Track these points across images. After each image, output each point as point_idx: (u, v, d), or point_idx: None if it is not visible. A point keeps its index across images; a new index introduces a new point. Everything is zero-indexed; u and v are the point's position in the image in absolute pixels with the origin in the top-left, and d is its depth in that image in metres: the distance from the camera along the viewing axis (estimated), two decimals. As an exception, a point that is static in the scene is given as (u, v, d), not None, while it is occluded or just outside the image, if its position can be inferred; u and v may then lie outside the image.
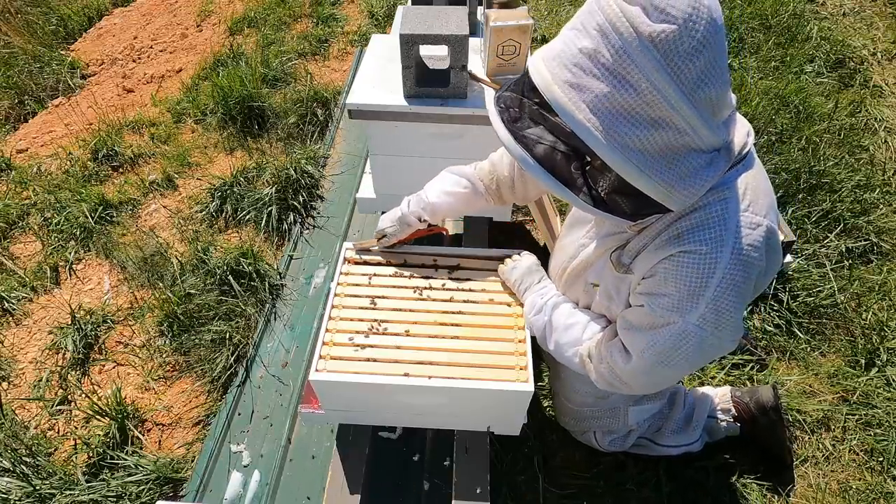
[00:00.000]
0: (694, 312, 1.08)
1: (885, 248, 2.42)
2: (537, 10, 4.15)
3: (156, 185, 2.91)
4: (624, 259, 1.21)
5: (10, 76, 3.77)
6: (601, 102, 0.88)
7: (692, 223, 1.07)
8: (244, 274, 2.34)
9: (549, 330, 1.43)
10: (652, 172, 0.92)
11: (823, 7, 3.97)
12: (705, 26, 0.84)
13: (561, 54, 0.93)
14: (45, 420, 2.03)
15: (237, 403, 2.01)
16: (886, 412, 1.91)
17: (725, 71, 0.90)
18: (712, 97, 0.88)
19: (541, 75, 0.94)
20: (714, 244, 1.04)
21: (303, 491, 1.78)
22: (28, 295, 2.45)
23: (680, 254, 1.07)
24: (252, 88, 3.23)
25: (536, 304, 1.46)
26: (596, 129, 0.89)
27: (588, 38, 0.89)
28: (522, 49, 1.82)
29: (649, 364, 1.19)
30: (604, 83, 0.88)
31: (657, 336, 1.15)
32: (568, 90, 0.91)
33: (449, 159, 1.98)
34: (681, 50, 0.84)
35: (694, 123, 0.89)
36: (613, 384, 1.30)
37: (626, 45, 0.84)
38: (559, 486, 1.76)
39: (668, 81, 0.85)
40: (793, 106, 3.04)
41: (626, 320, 1.24)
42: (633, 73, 0.85)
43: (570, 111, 0.90)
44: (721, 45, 0.87)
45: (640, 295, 1.18)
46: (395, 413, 1.57)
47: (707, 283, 1.05)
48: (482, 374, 1.40)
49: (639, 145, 0.90)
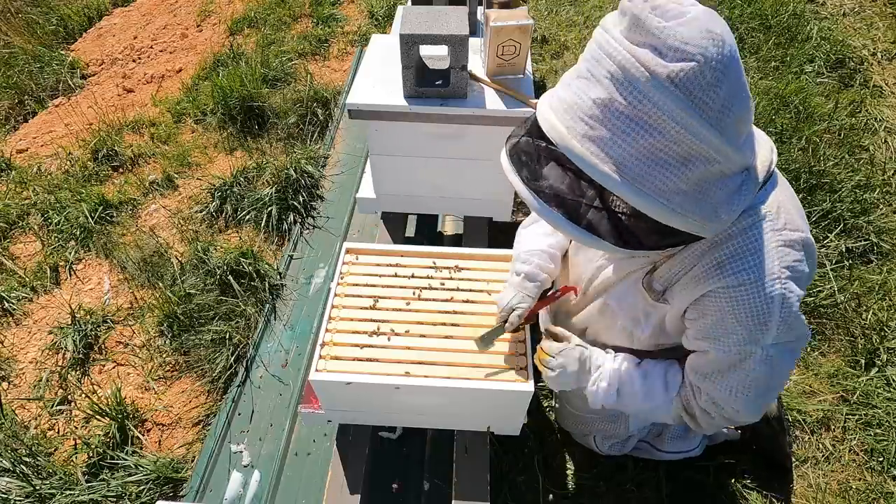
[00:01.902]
0: (768, 337, 1.05)
1: (885, 248, 2.42)
2: (537, 10, 4.15)
3: (156, 185, 2.91)
4: (656, 286, 1.16)
5: (10, 76, 3.77)
6: (625, 151, 0.86)
7: (732, 251, 1.02)
8: (244, 274, 2.34)
9: (624, 403, 1.30)
10: (686, 210, 0.89)
11: (823, 7, 3.97)
12: (723, 54, 0.81)
13: (573, 106, 0.89)
14: (45, 420, 2.03)
15: (237, 403, 2.01)
16: (886, 412, 1.91)
17: (746, 90, 0.88)
18: (738, 118, 0.86)
19: (556, 130, 0.91)
20: (760, 271, 1.01)
21: (303, 491, 1.78)
22: (28, 295, 2.45)
23: (728, 289, 1.03)
24: (252, 88, 3.23)
25: (599, 395, 1.30)
26: (624, 178, 0.86)
27: (600, 87, 0.86)
28: (522, 49, 1.82)
29: (754, 397, 1.13)
30: (625, 131, 0.85)
31: (743, 372, 1.10)
32: (587, 143, 0.87)
33: (449, 159, 1.99)
34: (703, 83, 0.81)
35: (722, 150, 0.87)
36: (725, 425, 1.24)
37: (643, 89, 0.82)
38: (559, 486, 1.76)
39: (693, 116, 0.82)
40: (793, 106, 3.04)
41: (701, 371, 1.17)
42: (655, 115, 0.83)
43: (593, 164, 0.87)
44: (739, 65, 0.85)
45: (699, 340, 1.14)
46: (395, 413, 1.57)
47: (770, 308, 1.02)
48: (482, 374, 1.40)
49: (671, 186, 0.87)
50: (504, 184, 2.03)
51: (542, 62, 3.62)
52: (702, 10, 0.84)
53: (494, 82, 1.87)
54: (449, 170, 2.02)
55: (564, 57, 3.66)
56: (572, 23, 3.97)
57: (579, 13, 4.05)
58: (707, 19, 0.82)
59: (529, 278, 1.42)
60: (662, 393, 1.25)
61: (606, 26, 0.89)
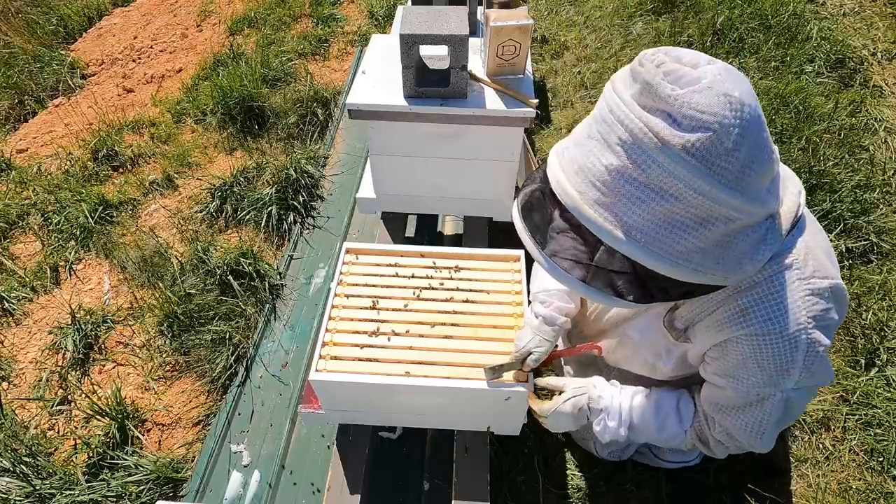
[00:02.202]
0: (788, 382, 1.03)
1: (885, 248, 2.41)
2: (537, 10, 4.15)
3: (156, 185, 2.91)
4: (678, 324, 1.13)
5: (10, 76, 3.76)
6: (639, 216, 0.83)
7: (757, 298, 0.99)
8: (244, 274, 2.34)
9: (637, 436, 1.28)
10: (706, 267, 0.86)
11: (823, 7, 3.96)
12: (742, 118, 0.77)
13: (584, 170, 0.86)
14: (45, 420, 2.03)
15: (237, 403, 2.01)
16: (886, 412, 1.91)
17: (768, 144, 0.83)
18: (760, 174, 0.82)
19: (568, 194, 0.88)
20: (784, 321, 0.97)
21: (303, 491, 1.78)
22: (28, 295, 2.45)
23: (751, 337, 1.00)
24: (252, 88, 3.23)
25: (610, 432, 1.28)
26: (638, 243, 0.83)
27: (612, 153, 0.83)
28: (522, 49, 1.81)
29: (769, 433, 1.12)
30: (639, 198, 0.82)
31: (760, 411, 1.09)
32: (600, 209, 0.85)
33: (449, 159, 1.99)
34: (721, 150, 0.77)
35: (744, 208, 0.82)
36: (739, 453, 1.23)
37: (656, 158, 0.78)
38: (559, 486, 1.76)
39: (711, 183, 0.78)
40: (793, 106, 3.04)
41: (716, 404, 1.15)
42: (669, 183, 0.79)
43: (606, 230, 0.84)
44: (760, 124, 0.80)
45: (718, 376, 1.11)
46: (395, 413, 1.57)
47: (794, 357, 0.99)
48: (482, 373, 1.40)
49: (688, 247, 0.84)
50: (504, 184, 2.04)
51: (542, 62, 3.62)
52: (718, 71, 0.79)
53: (494, 82, 1.87)
54: (449, 170, 2.02)
55: (564, 57, 3.66)
56: (572, 23, 3.97)
57: (579, 13, 4.05)
58: (724, 82, 0.78)
59: (548, 322, 1.38)
60: (676, 425, 1.23)
61: (617, 87, 0.85)
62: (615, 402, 1.26)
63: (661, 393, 1.26)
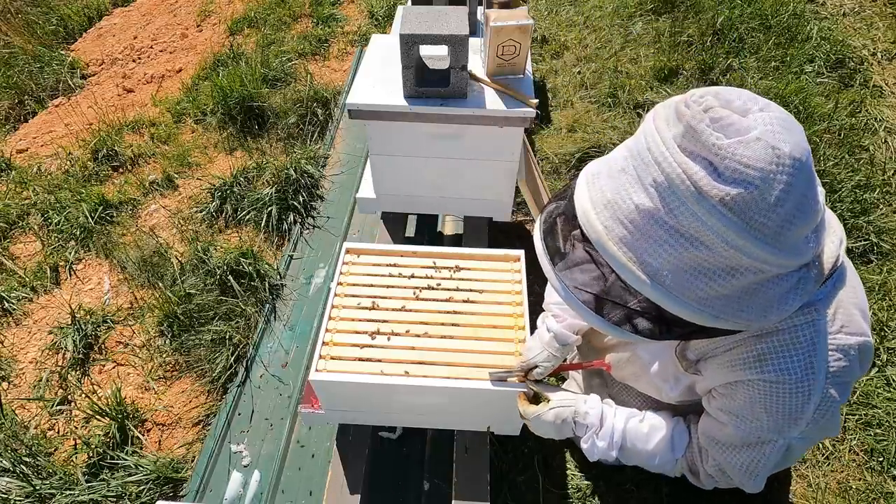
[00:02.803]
0: (794, 431, 1.00)
1: (885, 248, 2.41)
2: (537, 10, 4.15)
3: (156, 185, 2.91)
4: (689, 355, 1.10)
5: (10, 76, 3.76)
6: (665, 260, 0.79)
7: (778, 345, 0.95)
8: (244, 274, 2.34)
9: (628, 459, 1.26)
10: (729, 315, 0.83)
11: (823, 7, 3.96)
12: (789, 174, 0.72)
13: (613, 205, 0.82)
14: (45, 420, 2.03)
15: (237, 403, 2.01)
16: (886, 412, 1.91)
17: (814, 200, 0.78)
18: (800, 228, 0.77)
19: (593, 228, 0.84)
20: (804, 373, 0.94)
21: (303, 491, 1.78)
22: (28, 295, 2.45)
23: (765, 383, 0.97)
24: (252, 88, 3.23)
25: (598, 451, 1.25)
26: (661, 286, 0.81)
27: (644, 193, 0.79)
28: (522, 49, 1.81)
29: (762, 476, 1.09)
30: (668, 241, 0.78)
31: (758, 454, 1.05)
32: (625, 248, 0.82)
33: (449, 159, 1.99)
34: (762, 207, 0.73)
35: (778, 262, 0.78)
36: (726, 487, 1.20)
37: (691, 207, 0.74)
38: (559, 486, 1.76)
39: (746, 238, 0.74)
40: (793, 106, 3.04)
41: (714, 438, 1.12)
42: (700, 232, 0.75)
43: (630, 269, 0.81)
44: (808, 180, 0.76)
45: (722, 412, 1.08)
46: (395, 413, 1.57)
47: (804, 409, 0.96)
48: (482, 373, 1.40)
49: (712, 293, 0.81)
50: (504, 184, 2.04)
51: (542, 62, 3.62)
52: (769, 122, 0.74)
53: (494, 82, 1.86)
54: (449, 170, 2.02)
55: (564, 57, 3.66)
56: (572, 23, 3.97)
57: (579, 13, 4.05)
58: (775, 134, 0.73)
59: (559, 340, 1.35)
60: (668, 453, 1.21)
61: (659, 125, 0.80)
62: (608, 423, 1.23)
63: (656, 419, 1.24)
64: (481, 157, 1.96)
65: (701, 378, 1.11)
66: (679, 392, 1.20)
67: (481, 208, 2.18)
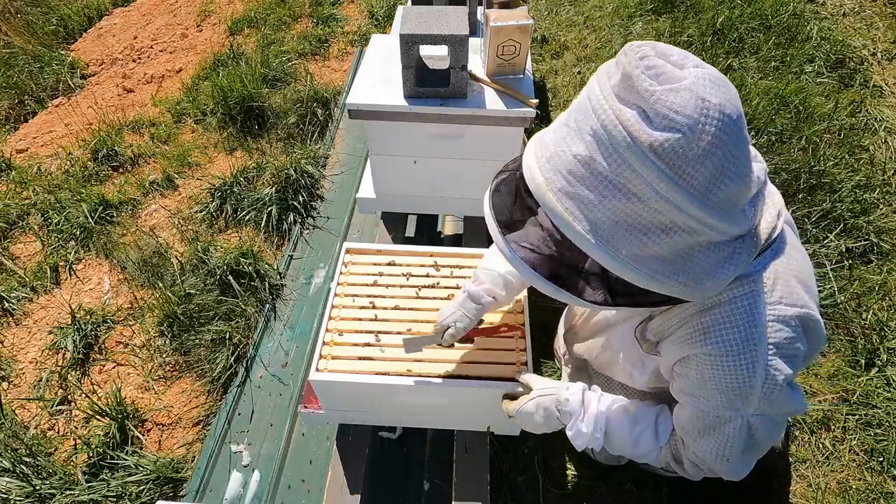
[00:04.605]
0: (749, 407, 1.00)
1: (885, 248, 2.41)
2: (537, 10, 4.15)
3: (156, 185, 2.91)
4: (649, 336, 1.12)
5: (10, 76, 3.76)
6: (601, 212, 0.80)
7: (718, 319, 0.97)
8: (244, 274, 2.34)
9: (612, 446, 1.25)
10: (665, 277, 0.83)
11: (823, 7, 3.97)
12: (716, 127, 0.74)
13: (554, 157, 0.84)
14: (45, 420, 2.03)
15: (237, 403, 2.01)
16: (886, 412, 1.91)
17: (744, 162, 0.80)
18: (730, 193, 0.79)
19: (535, 181, 0.86)
20: (745, 345, 0.95)
21: (303, 491, 1.78)
22: (28, 295, 2.45)
23: (709, 356, 0.98)
24: (252, 88, 3.23)
25: (583, 437, 1.24)
26: (597, 240, 0.81)
27: (582, 142, 0.80)
28: (522, 49, 1.82)
29: (735, 461, 1.08)
30: (603, 192, 0.79)
31: (723, 437, 1.05)
32: (563, 199, 0.82)
33: (449, 159, 1.99)
34: (689, 157, 0.74)
35: (710, 222, 0.80)
36: (711, 476, 1.21)
37: (623, 154, 0.76)
38: (559, 486, 1.76)
39: (675, 189, 0.76)
40: (793, 106, 3.04)
41: (683, 427, 1.13)
42: (633, 182, 0.77)
43: (567, 222, 0.82)
44: (737, 138, 0.78)
45: (682, 394, 1.09)
46: (395, 413, 1.57)
47: (751, 382, 0.96)
48: (482, 373, 1.40)
49: (648, 252, 0.82)
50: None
51: (542, 62, 3.62)
52: (703, 75, 0.77)
53: (494, 82, 1.87)
54: (449, 170, 2.02)
55: (564, 57, 3.66)
56: (572, 23, 3.97)
57: (579, 13, 4.05)
58: (704, 87, 0.75)
59: (473, 299, 1.36)
60: (652, 440, 1.20)
61: (600, 77, 0.83)
62: (592, 408, 1.22)
63: (640, 406, 1.23)
64: (481, 157, 1.97)
65: (661, 359, 1.13)
66: (648, 378, 1.21)
67: (481, 208, 2.18)
